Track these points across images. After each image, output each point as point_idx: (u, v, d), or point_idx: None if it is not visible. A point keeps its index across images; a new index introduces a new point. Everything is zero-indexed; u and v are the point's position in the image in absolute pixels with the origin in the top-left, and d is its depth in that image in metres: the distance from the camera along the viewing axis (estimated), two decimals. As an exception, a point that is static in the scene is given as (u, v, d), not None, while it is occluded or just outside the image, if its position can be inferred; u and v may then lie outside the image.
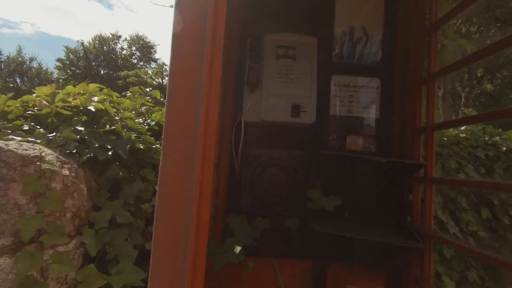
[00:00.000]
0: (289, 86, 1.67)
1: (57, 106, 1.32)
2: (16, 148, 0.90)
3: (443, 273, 1.63)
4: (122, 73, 25.51)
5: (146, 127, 1.94)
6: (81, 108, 1.46)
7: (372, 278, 1.60)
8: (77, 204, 1.03)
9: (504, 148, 2.09)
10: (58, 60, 31.65)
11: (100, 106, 1.46)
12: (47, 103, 1.32)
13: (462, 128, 2.32)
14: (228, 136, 1.73)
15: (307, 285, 1.75)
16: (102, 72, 32.94)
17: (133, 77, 24.94)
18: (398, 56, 1.80)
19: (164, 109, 2.51)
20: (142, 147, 1.45)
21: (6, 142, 0.89)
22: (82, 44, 32.42)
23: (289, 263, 1.74)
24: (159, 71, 30.12)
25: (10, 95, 1.35)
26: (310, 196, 1.66)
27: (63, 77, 30.75)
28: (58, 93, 1.33)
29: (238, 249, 1.43)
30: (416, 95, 1.66)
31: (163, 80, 29.54)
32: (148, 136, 1.68)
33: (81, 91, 1.98)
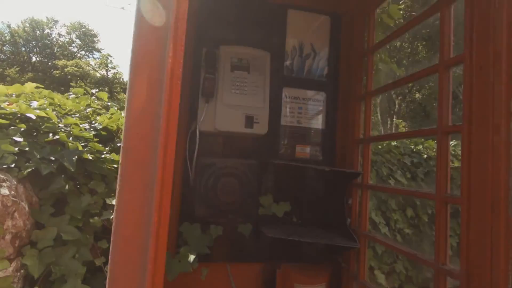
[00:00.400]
0: (243, 97, 1.74)
1: (-11, 114, 1.20)
2: None
3: (375, 267, 1.86)
4: (60, 63, 23.06)
5: (93, 132, 1.84)
6: (19, 115, 1.34)
7: (317, 275, 1.76)
8: (17, 224, 0.96)
9: (425, 156, 2.46)
10: (-22, 42, 27.32)
11: (43, 114, 1.36)
12: (-24, 110, 1.19)
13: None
14: (182, 144, 1.74)
15: (258, 286, 1.85)
16: (34, 59, 29.37)
17: (73, 67, 22.73)
18: (341, 73, 1.99)
19: (111, 112, 2.39)
20: (90, 157, 1.39)
21: None
22: (9, 26, 28.49)
23: (241, 266, 1.82)
24: (103, 63, 27.90)
25: None
26: (262, 203, 1.76)
27: (-16, 63, 26.64)
28: (-8, 100, 1.21)
29: (191, 258, 1.46)
30: (356, 110, 1.86)
31: (108, 73, 27.46)
32: (96, 144, 1.60)
33: (15, 93, 1.80)
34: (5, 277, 0.88)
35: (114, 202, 1.36)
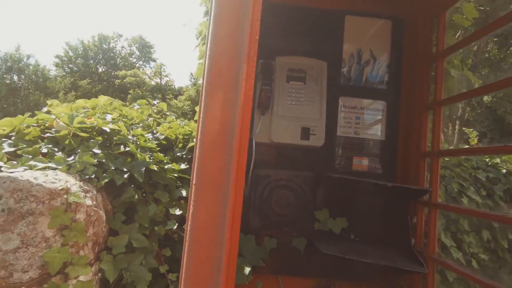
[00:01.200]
0: (298, 108, 1.71)
1: (74, 128, 1.34)
2: (44, 182, 0.92)
3: (444, 294, 1.67)
4: (120, 73, 25.46)
5: (155, 142, 1.96)
6: (96, 128, 1.49)
7: (374, 297, 1.64)
8: (97, 231, 1.05)
9: (504, 171, 2.15)
10: (57, 56, 31.49)
11: (116, 127, 1.49)
12: (64, 124, 1.35)
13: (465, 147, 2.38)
14: (237, 155, 1.76)
15: (311, 302, 1.79)
16: (100, 70, 32.84)
17: (131, 77, 24.92)
18: (404, 81, 1.85)
19: (168, 120, 2.53)
20: (156, 168, 1.48)
21: (34, 175, 0.92)
22: (82, 42, 32.32)
23: (294, 281, 1.78)
24: (158, 71, 30.10)
25: (27, 115, 1.37)
26: (317, 217, 1.70)
27: (61, 75, 30.60)
28: (76, 116, 1.36)
29: (247, 270, 1.46)
30: (422, 121, 1.71)
31: (161, 80, 29.54)
32: (160, 155, 1.70)
33: (91, 106, 2.00)
34: (88, 281, 0.96)
35: (176, 212, 1.43)
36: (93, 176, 1.20)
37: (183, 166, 1.77)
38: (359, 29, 1.88)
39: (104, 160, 1.28)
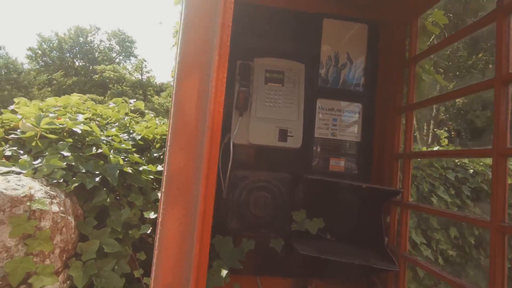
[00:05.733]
0: (276, 110, 1.72)
1: (42, 129, 1.28)
2: (5, 189, 0.87)
3: (415, 290, 1.75)
4: (99, 68, 24.60)
5: (131, 142, 1.91)
6: (66, 129, 1.43)
7: (350, 295, 1.68)
8: (65, 238, 1.01)
9: (471, 171, 2.26)
10: (29, 49, 29.95)
11: (87, 128, 1.44)
12: (31, 125, 1.28)
13: (435, 148, 2.48)
14: (215, 156, 1.75)
15: (288, 301, 1.81)
16: (77, 64, 31.57)
17: (110, 72, 24.16)
18: (379, 84, 1.90)
19: (147, 118, 2.46)
20: (130, 170, 1.44)
21: (-6, 181, 0.87)
22: (57, 34, 30.90)
23: (272, 281, 1.79)
24: (139, 67, 29.37)
25: (-10, 115, 1.30)
26: (294, 218, 1.72)
27: (35, 68, 29.15)
28: (44, 116, 1.29)
29: (224, 272, 1.46)
30: (396, 123, 1.77)
31: (142, 76, 28.85)
32: (135, 156, 1.66)
33: (63, 104, 1.92)
34: (54, 290, 0.93)
35: (151, 215, 1.40)
36: (61, 180, 1.15)
37: (160, 167, 1.73)
38: (337, 32, 1.91)
39: (74, 163, 1.23)
